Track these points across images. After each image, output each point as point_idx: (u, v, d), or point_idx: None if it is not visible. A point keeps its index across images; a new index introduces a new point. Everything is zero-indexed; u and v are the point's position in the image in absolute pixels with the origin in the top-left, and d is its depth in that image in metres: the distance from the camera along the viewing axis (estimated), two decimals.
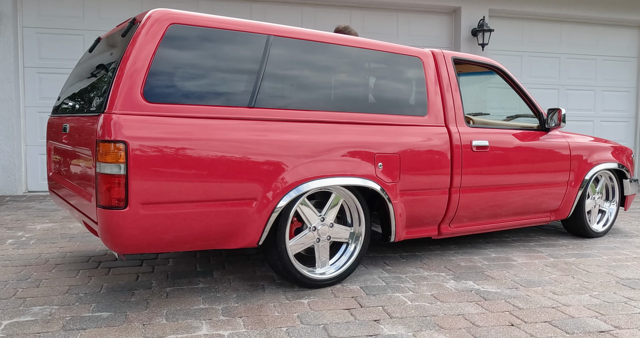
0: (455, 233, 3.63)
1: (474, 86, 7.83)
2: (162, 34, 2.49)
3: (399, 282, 3.09)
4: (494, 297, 2.86)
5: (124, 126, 2.32)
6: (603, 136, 8.88)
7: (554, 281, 3.18)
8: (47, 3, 6.78)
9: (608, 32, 8.80)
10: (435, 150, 3.31)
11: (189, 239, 2.53)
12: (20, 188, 6.73)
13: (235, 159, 2.56)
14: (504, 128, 3.80)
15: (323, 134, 2.86)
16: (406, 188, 3.20)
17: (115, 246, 2.39)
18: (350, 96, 3.04)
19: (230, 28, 2.71)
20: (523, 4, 8.07)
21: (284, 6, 7.47)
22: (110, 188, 2.31)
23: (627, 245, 4.23)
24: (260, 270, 3.29)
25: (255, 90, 2.69)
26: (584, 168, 4.22)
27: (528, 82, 8.46)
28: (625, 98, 8.96)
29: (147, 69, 2.41)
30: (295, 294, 2.84)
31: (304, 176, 2.76)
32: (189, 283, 2.99)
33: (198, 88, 2.53)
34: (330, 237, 3.00)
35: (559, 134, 4.13)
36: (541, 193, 3.97)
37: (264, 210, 2.66)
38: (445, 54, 3.59)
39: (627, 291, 3.01)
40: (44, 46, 6.80)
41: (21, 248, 3.78)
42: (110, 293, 2.81)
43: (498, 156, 3.64)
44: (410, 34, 7.95)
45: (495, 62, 3.92)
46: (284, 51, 2.84)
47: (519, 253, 3.87)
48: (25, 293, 2.79)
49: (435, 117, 3.40)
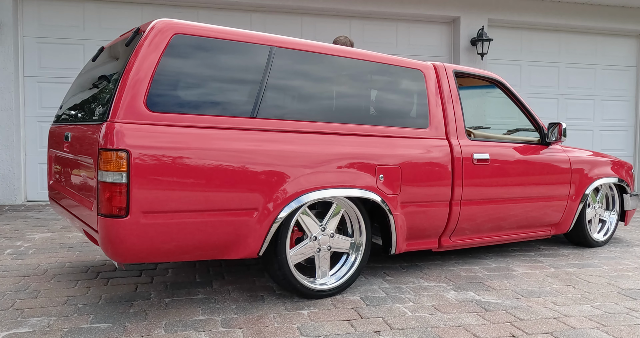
0: (456, 246, 3.62)
1: (475, 99, 7.86)
2: (165, 44, 2.50)
3: (399, 293, 3.08)
4: (494, 308, 2.84)
5: (127, 134, 2.32)
6: (603, 145, 8.88)
7: (555, 291, 3.17)
8: (47, 13, 6.81)
9: (607, 41, 8.84)
10: (436, 162, 3.31)
11: (189, 249, 2.52)
12: (20, 198, 6.72)
13: (236, 169, 2.55)
14: (504, 141, 3.80)
15: (325, 145, 2.87)
16: (407, 200, 3.19)
17: (116, 255, 2.38)
18: (352, 108, 3.05)
19: (234, 39, 2.72)
20: (522, 13, 8.10)
21: (284, 16, 7.50)
22: (111, 196, 2.31)
23: (628, 254, 4.21)
24: (259, 280, 3.27)
25: (257, 101, 2.69)
26: (585, 182, 4.22)
27: (527, 91, 8.48)
28: (625, 107, 8.98)
29: (150, 78, 2.42)
30: (294, 305, 2.83)
31: (305, 187, 2.76)
32: (188, 294, 2.97)
33: (201, 98, 2.54)
34: (331, 247, 2.99)
35: (559, 149, 4.13)
36: (542, 207, 3.97)
37: (265, 221, 2.65)
38: (447, 67, 3.61)
39: (628, 301, 2.99)
40: (44, 55, 6.82)
41: (20, 258, 3.76)
42: (109, 303, 2.79)
43: (499, 169, 3.64)
44: (409, 44, 7.97)
45: (496, 76, 3.93)
46: (287, 62, 2.85)
47: (520, 263, 3.85)
48: (23, 304, 2.78)
49: (437, 129, 3.40)
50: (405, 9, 7.63)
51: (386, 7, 7.56)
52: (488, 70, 8.21)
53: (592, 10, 8.39)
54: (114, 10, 6.99)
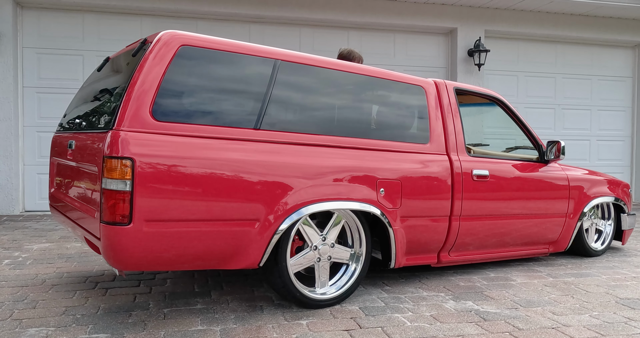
0: (454, 262, 3.64)
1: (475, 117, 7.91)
2: (172, 55, 2.53)
3: (398, 302, 3.08)
4: (493, 318, 2.84)
5: (132, 142, 2.34)
6: (600, 155, 8.92)
7: (553, 301, 3.17)
8: (47, 24, 6.84)
9: (603, 52, 8.91)
10: (436, 178, 3.33)
11: (190, 258, 2.53)
12: (18, 208, 6.71)
13: (239, 179, 2.57)
14: (503, 158, 3.83)
15: (327, 158, 2.88)
16: (407, 214, 3.21)
17: (117, 263, 2.38)
18: (353, 122, 3.07)
19: (239, 51, 2.75)
20: (518, 25, 8.17)
21: (283, 26, 7.55)
22: (115, 204, 2.32)
23: (626, 264, 4.22)
24: (258, 290, 3.27)
25: (261, 112, 2.72)
26: (583, 200, 4.25)
27: (524, 101, 8.53)
28: (621, 117, 9.03)
29: (156, 88, 2.44)
30: (293, 315, 2.82)
31: (307, 199, 2.77)
32: (186, 304, 2.97)
33: (205, 109, 2.56)
34: (331, 257, 3.00)
35: (557, 167, 4.16)
36: (540, 225, 3.99)
37: (266, 232, 2.66)
38: (448, 84, 3.64)
39: (627, 311, 3.00)
40: (43, 66, 6.85)
41: (18, 268, 3.75)
42: (108, 314, 2.79)
43: (498, 185, 3.66)
44: (407, 54, 8.03)
45: (496, 93, 3.97)
46: (291, 75, 2.88)
47: (518, 273, 3.85)
48: (21, 314, 2.77)
49: (437, 145, 3.43)
50: (403, 20, 7.69)
51: (384, 19, 7.62)
52: (485, 80, 8.27)
53: (588, 22, 8.47)
54: (113, 21, 7.03)
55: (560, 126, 8.71)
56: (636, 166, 9.02)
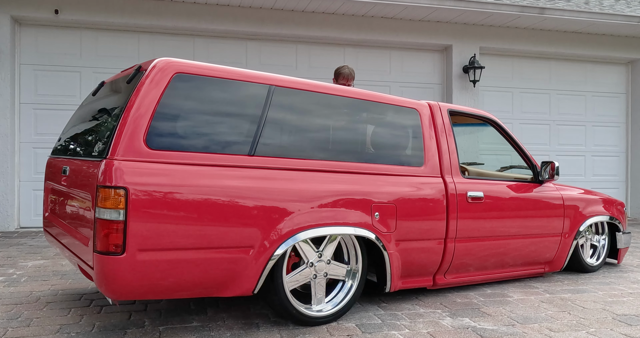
0: (450, 284, 3.63)
1: (469, 136, 7.95)
2: (166, 83, 2.53)
3: (394, 319, 3.06)
4: (490, 335, 2.83)
5: (126, 172, 2.33)
6: (595, 171, 8.96)
7: (550, 317, 3.16)
8: (45, 40, 6.88)
9: (597, 69, 9.00)
10: (431, 200, 3.34)
11: (185, 286, 2.51)
12: (13, 224, 6.68)
13: (234, 206, 2.56)
14: (498, 179, 3.84)
15: (321, 183, 2.89)
16: (402, 237, 3.21)
17: (111, 293, 2.36)
18: (348, 146, 3.08)
19: (234, 78, 2.76)
20: (513, 42, 8.25)
21: (279, 44, 7.61)
22: (108, 233, 2.30)
23: (622, 280, 4.22)
24: (254, 307, 3.25)
25: (255, 139, 2.72)
26: (578, 220, 4.26)
27: (519, 117, 8.58)
28: (616, 133, 9.09)
29: (150, 116, 2.44)
30: (290, 332, 2.81)
31: (302, 224, 2.78)
32: (182, 322, 2.95)
33: (200, 136, 2.56)
34: (327, 274, 2.99)
35: (552, 187, 4.17)
36: (535, 244, 4.00)
37: (261, 257, 2.65)
38: (442, 106, 3.66)
39: (623, 327, 2.99)
40: (40, 82, 6.87)
41: (12, 285, 3.73)
42: (103, 332, 2.77)
43: (493, 207, 3.67)
44: (402, 71, 8.09)
45: (489, 114, 4.00)
46: (285, 100, 2.89)
47: (515, 289, 3.85)
48: (15, 332, 2.75)
49: (432, 168, 3.44)
50: (399, 37, 7.77)
51: (379, 36, 7.70)
52: (480, 96, 8.33)
53: (582, 39, 8.56)
54: (111, 38, 7.07)
55: (555, 141, 8.76)
56: (631, 182, 9.06)
